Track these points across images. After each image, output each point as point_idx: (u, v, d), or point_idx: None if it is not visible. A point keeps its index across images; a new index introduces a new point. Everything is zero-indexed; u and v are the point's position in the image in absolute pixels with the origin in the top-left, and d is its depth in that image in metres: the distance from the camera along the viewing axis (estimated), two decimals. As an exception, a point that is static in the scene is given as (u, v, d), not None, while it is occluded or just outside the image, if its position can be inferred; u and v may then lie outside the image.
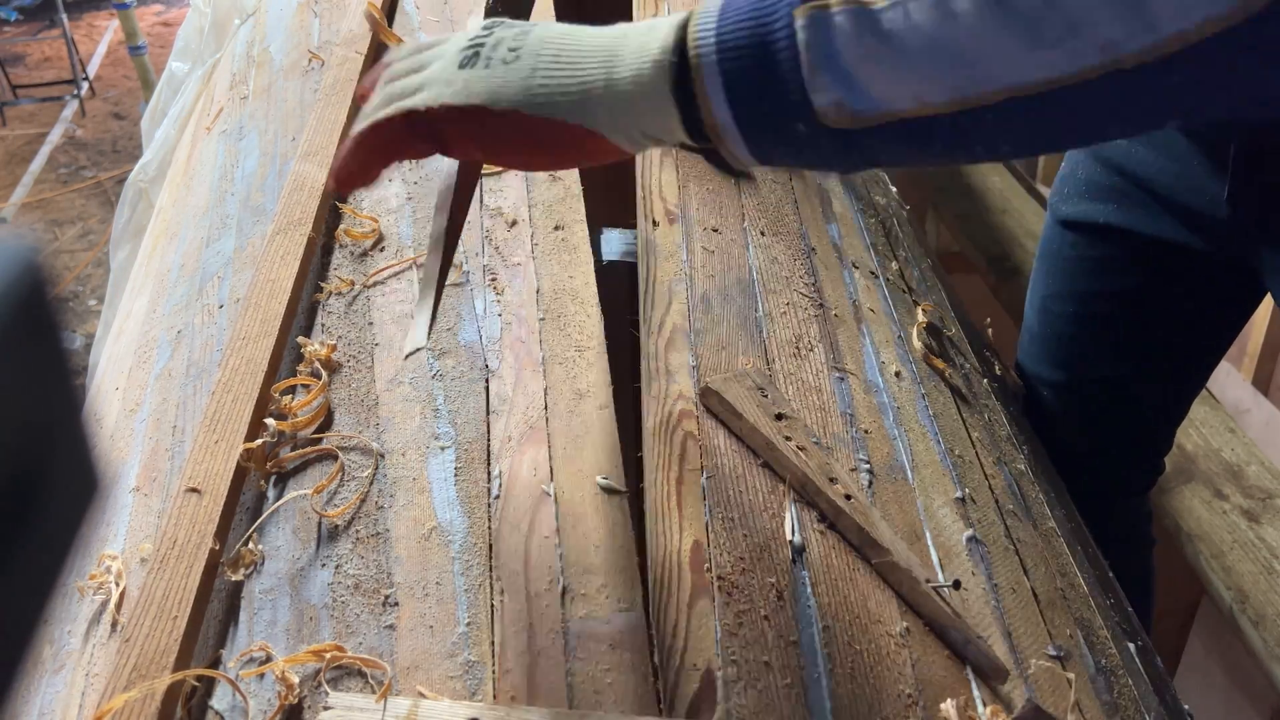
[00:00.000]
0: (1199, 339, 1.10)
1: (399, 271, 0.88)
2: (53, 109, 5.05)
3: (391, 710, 0.56)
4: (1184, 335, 1.09)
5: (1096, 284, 1.08)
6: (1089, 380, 1.13)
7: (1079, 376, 1.13)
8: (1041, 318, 1.14)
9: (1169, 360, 1.11)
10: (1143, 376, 1.11)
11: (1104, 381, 1.12)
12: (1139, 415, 1.15)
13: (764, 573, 0.64)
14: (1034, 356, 1.17)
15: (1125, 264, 1.06)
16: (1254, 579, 1.25)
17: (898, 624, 0.63)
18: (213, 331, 0.91)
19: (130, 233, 1.78)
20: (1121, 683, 0.68)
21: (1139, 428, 1.17)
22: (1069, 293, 1.11)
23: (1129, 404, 1.13)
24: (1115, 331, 1.10)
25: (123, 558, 0.72)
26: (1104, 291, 1.08)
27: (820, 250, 0.95)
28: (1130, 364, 1.10)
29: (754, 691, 0.58)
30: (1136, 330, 1.09)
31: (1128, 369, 1.11)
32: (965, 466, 0.78)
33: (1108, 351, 1.11)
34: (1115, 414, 1.14)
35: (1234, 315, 1.09)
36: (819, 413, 0.76)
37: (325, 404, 0.76)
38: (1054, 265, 1.12)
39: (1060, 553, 0.77)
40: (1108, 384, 1.12)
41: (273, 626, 0.63)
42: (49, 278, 0.23)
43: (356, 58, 1.15)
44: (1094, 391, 1.13)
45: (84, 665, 0.68)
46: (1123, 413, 1.14)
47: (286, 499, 0.70)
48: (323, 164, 0.99)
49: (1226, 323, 1.09)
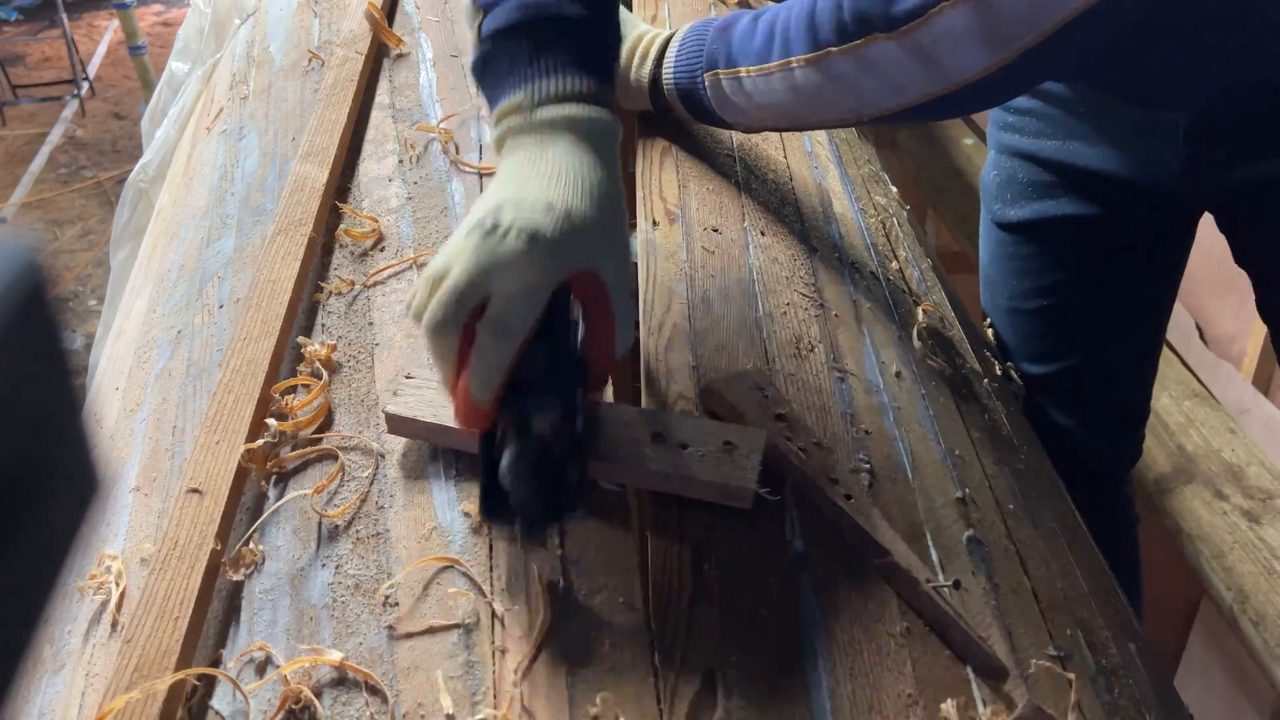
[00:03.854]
0: (1157, 297, 1.16)
1: (399, 271, 0.88)
2: (53, 109, 5.05)
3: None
4: (1145, 298, 1.14)
5: (1058, 274, 1.12)
6: (1065, 366, 1.16)
7: (1058, 366, 1.16)
8: (1012, 320, 1.17)
9: (1136, 325, 1.16)
10: (1113, 348, 1.15)
11: (1079, 363, 1.15)
12: (1119, 387, 1.19)
13: (764, 573, 0.64)
14: (1008, 357, 1.19)
15: (1081, 248, 1.10)
16: (1254, 579, 1.25)
17: (898, 624, 0.63)
18: (213, 332, 0.91)
19: (130, 233, 1.78)
20: (1121, 683, 0.68)
21: (1122, 399, 1.20)
22: (1033, 289, 1.14)
23: (1109, 378, 1.17)
24: (1082, 313, 1.13)
25: (123, 558, 0.72)
26: (1065, 280, 1.12)
27: (820, 250, 0.95)
28: (1100, 340, 1.14)
29: (754, 691, 0.58)
30: (1105, 307, 1.13)
31: (1098, 345, 1.15)
32: (965, 466, 0.78)
33: (1078, 333, 1.14)
34: (1098, 392, 1.17)
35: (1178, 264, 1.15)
36: (819, 413, 0.76)
37: (325, 404, 0.76)
38: (1012, 268, 1.16)
39: (1060, 553, 0.77)
40: (1083, 365, 1.15)
41: (273, 626, 0.63)
42: (49, 278, 0.23)
43: (357, 58, 1.15)
44: (1075, 375, 1.16)
45: (84, 665, 0.68)
46: (1105, 388, 1.18)
47: (287, 499, 0.70)
48: (323, 164, 0.99)
49: (1175, 274, 1.15)
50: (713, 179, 0.98)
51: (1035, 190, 1.10)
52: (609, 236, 0.62)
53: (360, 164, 1.03)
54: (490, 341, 0.59)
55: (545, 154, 0.62)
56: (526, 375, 0.60)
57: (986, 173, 1.17)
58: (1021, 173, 1.11)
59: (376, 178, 1.00)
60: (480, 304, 0.59)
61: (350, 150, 1.04)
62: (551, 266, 0.59)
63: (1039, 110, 1.07)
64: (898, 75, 0.75)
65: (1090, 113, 1.03)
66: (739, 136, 1.05)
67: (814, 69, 0.79)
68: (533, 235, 0.58)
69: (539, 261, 0.58)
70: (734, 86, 0.86)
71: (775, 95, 0.83)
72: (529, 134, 0.63)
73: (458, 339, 0.60)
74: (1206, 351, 1.93)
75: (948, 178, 2.01)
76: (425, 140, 1.03)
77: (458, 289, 0.58)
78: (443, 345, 0.60)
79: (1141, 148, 0.99)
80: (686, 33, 0.93)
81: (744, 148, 1.04)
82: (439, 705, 0.56)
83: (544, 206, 0.59)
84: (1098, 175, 1.04)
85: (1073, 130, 1.05)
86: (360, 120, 1.09)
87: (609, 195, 0.62)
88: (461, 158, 1.00)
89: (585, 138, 0.63)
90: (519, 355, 0.59)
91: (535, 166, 0.62)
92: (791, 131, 0.98)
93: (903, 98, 0.76)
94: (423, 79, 1.14)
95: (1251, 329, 1.84)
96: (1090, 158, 1.04)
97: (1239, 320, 1.89)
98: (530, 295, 0.58)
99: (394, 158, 1.02)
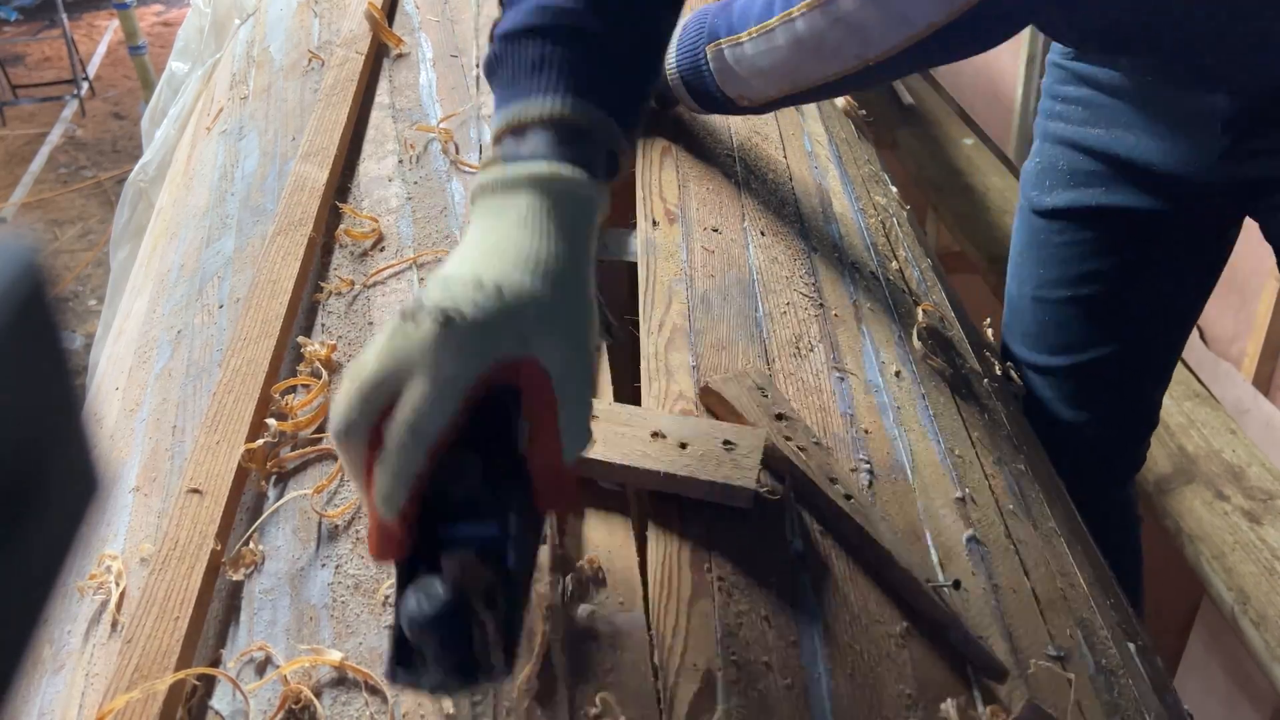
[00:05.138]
0: (1188, 296, 1.15)
1: (399, 271, 0.88)
2: (53, 109, 5.05)
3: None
4: (1176, 296, 1.13)
5: (1091, 264, 1.12)
6: (1087, 359, 1.15)
7: (1077, 357, 1.16)
8: (1037, 308, 1.16)
9: (1163, 322, 1.15)
10: (1137, 345, 1.15)
11: (1103, 357, 1.15)
12: (1134, 386, 1.19)
13: (764, 573, 0.64)
14: (1028, 347, 1.18)
15: (1118, 240, 1.09)
16: (1255, 580, 1.25)
17: (898, 624, 0.63)
18: (213, 331, 0.91)
19: (130, 233, 1.78)
20: (1121, 683, 0.68)
21: (1136, 399, 1.20)
22: (1063, 278, 1.13)
23: (1125, 375, 1.17)
24: (1112, 306, 1.13)
25: (123, 558, 0.72)
26: (1098, 270, 1.12)
27: (820, 250, 0.95)
28: (1126, 335, 1.14)
29: (754, 691, 0.58)
30: (1131, 302, 1.12)
31: (1124, 340, 1.14)
32: (965, 466, 0.78)
33: (1106, 327, 1.14)
34: (1112, 388, 1.17)
35: (1214, 267, 1.14)
36: (819, 413, 0.76)
37: (326, 404, 0.76)
38: (1043, 255, 1.15)
39: (1060, 553, 0.77)
40: (1106, 359, 1.15)
41: (273, 626, 0.63)
42: (49, 278, 0.23)
43: (356, 58, 1.15)
44: (1092, 369, 1.16)
45: (84, 665, 0.68)
46: (1119, 385, 1.18)
47: (287, 499, 0.70)
48: (323, 164, 0.99)
49: (1207, 280, 1.14)
50: (713, 179, 0.98)
51: (1074, 178, 1.10)
52: (555, 317, 0.52)
53: (360, 164, 1.03)
54: (394, 447, 0.49)
55: (501, 220, 0.54)
56: (447, 492, 0.50)
57: (1029, 162, 1.17)
58: (1062, 160, 1.10)
59: (376, 178, 1.00)
60: (390, 403, 0.50)
61: (350, 150, 1.04)
62: (469, 355, 0.49)
63: (1085, 98, 1.07)
64: (902, 4, 0.76)
65: (1136, 100, 1.02)
66: (739, 136, 1.05)
67: (816, 12, 0.81)
68: (448, 318, 0.49)
69: (453, 349, 0.49)
70: (736, 54, 0.88)
71: (778, 54, 0.85)
72: (494, 194, 0.55)
73: (363, 446, 0.50)
74: (1206, 351, 1.93)
75: (948, 178, 2.01)
76: (425, 140, 1.03)
77: (362, 386, 0.50)
78: (350, 452, 0.51)
79: (1184, 137, 0.99)
80: (688, 19, 0.95)
81: (744, 148, 1.05)
82: (439, 705, 0.56)
83: (473, 283, 0.50)
84: (1138, 165, 1.04)
85: (1118, 119, 1.05)
86: (360, 120, 1.09)
87: (560, 270, 0.52)
88: (461, 158, 1.00)
89: (548, 200, 0.54)
90: (431, 464, 0.49)
91: (487, 235, 0.54)
92: (792, 103, 0.96)
93: (907, 29, 0.77)
94: (423, 79, 1.14)
95: (1252, 329, 1.84)
96: (1133, 148, 1.04)
97: (1239, 320, 1.89)
98: (442, 390, 0.48)
99: (394, 158, 1.02)
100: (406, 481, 0.49)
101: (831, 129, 1.24)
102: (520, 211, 0.53)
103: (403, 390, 0.49)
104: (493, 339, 0.50)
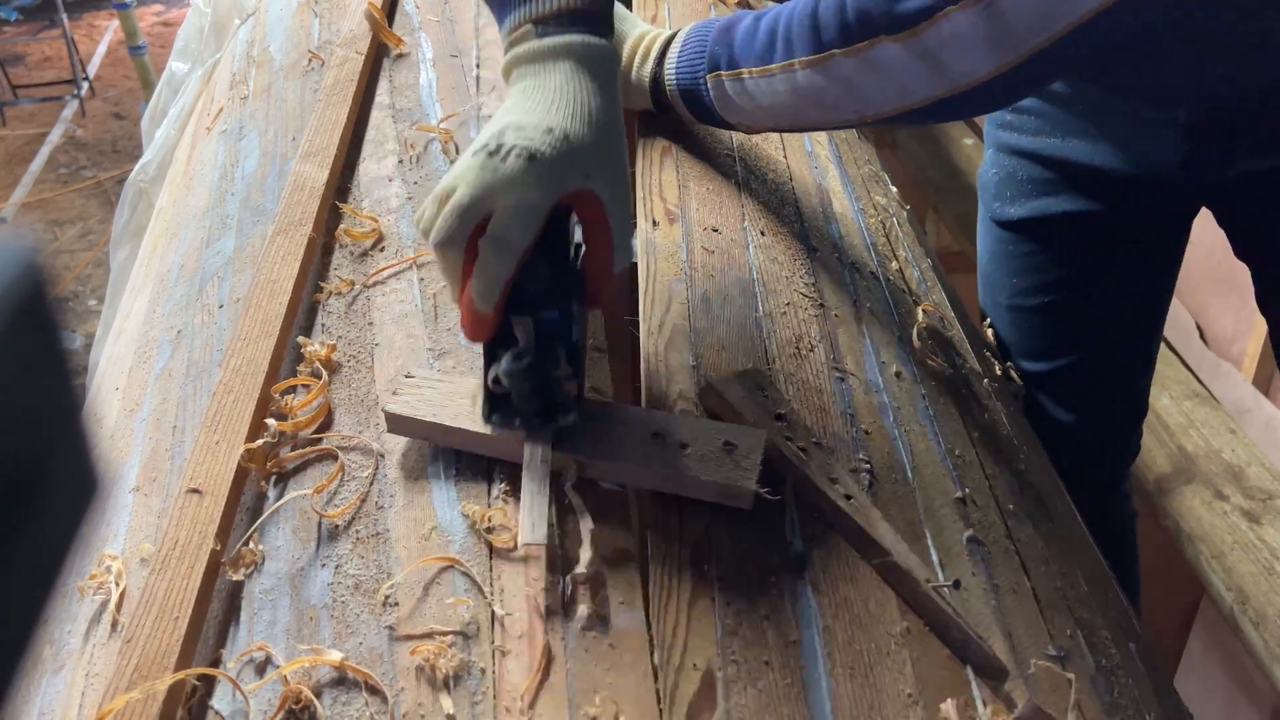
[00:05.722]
0: (1156, 292, 1.16)
1: (399, 271, 0.88)
2: (53, 109, 5.05)
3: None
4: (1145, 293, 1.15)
5: (1059, 270, 1.13)
6: (1067, 363, 1.16)
7: (1058, 362, 1.16)
8: (1012, 318, 1.17)
9: (1136, 320, 1.16)
10: (1116, 343, 1.16)
11: (1083, 359, 1.15)
12: (1120, 382, 1.20)
13: (764, 573, 0.64)
14: (1009, 355, 1.19)
15: (1083, 243, 1.10)
16: (1254, 580, 1.25)
17: (898, 624, 0.63)
18: (213, 331, 0.91)
19: (130, 233, 1.78)
20: (1121, 683, 0.68)
21: (1122, 394, 1.21)
22: (1036, 286, 1.14)
23: (1109, 373, 1.17)
24: (1084, 309, 1.14)
25: (123, 558, 0.72)
26: (1067, 275, 1.12)
27: (820, 250, 0.95)
28: (1102, 335, 1.15)
29: (754, 691, 0.58)
30: (1105, 302, 1.13)
31: (1101, 340, 1.15)
32: (965, 466, 0.78)
33: (1081, 330, 1.14)
34: (1098, 387, 1.18)
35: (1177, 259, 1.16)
36: (819, 413, 0.76)
37: (325, 404, 0.76)
38: (1012, 266, 1.16)
39: (1060, 553, 0.77)
40: (1086, 361, 1.16)
41: (273, 626, 0.63)
42: (49, 278, 0.23)
43: (356, 58, 1.15)
44: (1075, 371, 1.16)
45: (84, 665, 0.68)
46: (1105, 384, 1.18)
47: (287, 499, 0.70)
48: (323, 164, 0.99)
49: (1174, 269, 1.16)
50: (713, 179, 0.98)
51: (1035, 188, 1.10)
52: (604, 158, 0.65)
53: (360, 164, 1.03)
54: (492, 255, 0.62)
55: (547, 81, 0.65)
56: (526, 288, 0.64)
57: (984, 171, 1.17)
58: (1021, 171, 1.11)
59: (376, 178, 1.00)
60: (483, 221, 0.63)
61: (350, 150, 1.04)
62: (548, 185, 0.62)
63: (1037, 108, 1.07)
64: (902, 77, 0.75)
65: (1089, 110, 1.03)
66: (739, 136, 1.05)
67: (817, 70, 0.79)
68: (531, 156, 0.61)
69: (537, 180, 0.62)
70: (736, 88, 0.86)
71: (777, 96, 0.83)
72: (533, 62, 0.66)
73: (462, 253, 0.64)
74: (1206, 351, 1.93)
75: (948, 178, 2.01)
76: (425, 140, 1.03)
77: (461, 206, 0.62)
78: (448, 259, 0.64)
79: (1140, 143, 1.00)
80: (688, 33, 0.93)
81: (744, 148, 1.04)
82: (439, 705, 0.56)
83: (543, 130, 0.63)
84: (1097, 171, 1.04)
85: (1071, 128, 1.05)
86: (360, 120, 1.09)
87: (605, 120, 0.65)
88: (461, 158, 1.00)
89: (585, 65, 0.66)
90: (518, 269, 0.63)
91: (537, 93, 0.65)
92: (793, 132, 0.98)
93: (906, 100, 0.77)
94: (423, 79, 1.14)
95: (1252, 329, 1.84)
96: (1090, 154, 1.04)
97: (1239, 320, 1.89)
98: (529, 212, 0.62)
99: (394, 158, 1.02)
100: (501, 281, 0.63)
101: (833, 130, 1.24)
102: (565, 73, 0.65)
103: (492, 210, 0.62)
104: (564, 173, 0.62)
